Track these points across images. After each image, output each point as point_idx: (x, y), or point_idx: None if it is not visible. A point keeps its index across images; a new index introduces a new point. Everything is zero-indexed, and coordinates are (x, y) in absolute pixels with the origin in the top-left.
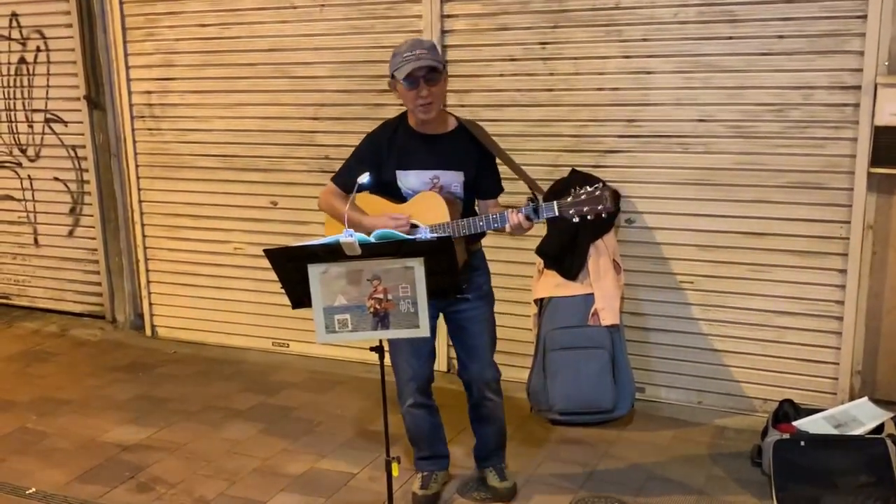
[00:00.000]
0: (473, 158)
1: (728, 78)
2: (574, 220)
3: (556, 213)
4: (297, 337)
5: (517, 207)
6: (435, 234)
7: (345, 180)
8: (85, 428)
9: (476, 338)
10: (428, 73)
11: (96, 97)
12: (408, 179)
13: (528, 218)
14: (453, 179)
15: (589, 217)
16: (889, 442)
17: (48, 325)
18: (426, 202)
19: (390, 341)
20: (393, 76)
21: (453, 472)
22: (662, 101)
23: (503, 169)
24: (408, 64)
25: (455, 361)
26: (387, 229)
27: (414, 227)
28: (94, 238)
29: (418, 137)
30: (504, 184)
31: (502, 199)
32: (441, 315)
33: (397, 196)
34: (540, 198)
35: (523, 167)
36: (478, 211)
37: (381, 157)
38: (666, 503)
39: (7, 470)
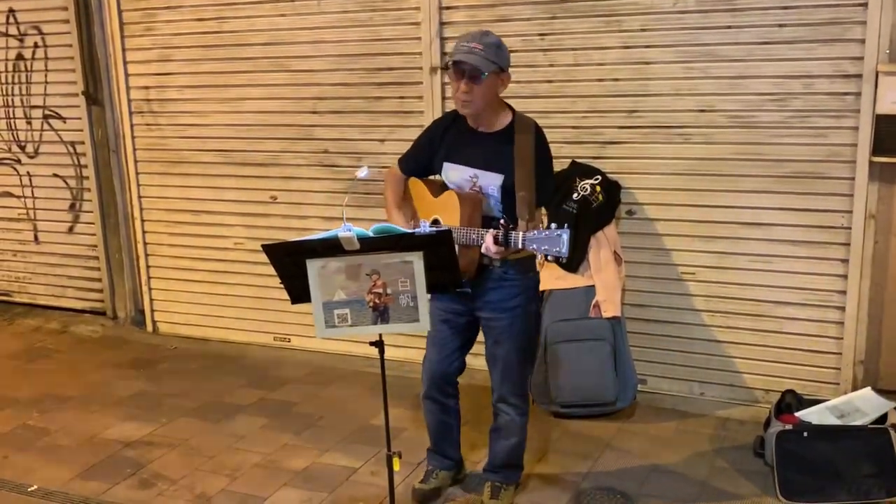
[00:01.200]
0: (512, 162)
1: (728, 67)
2: (536, 257)
3: (520, 245)
4: (298, 332)
5: (497, 231)
6: (434, 228)
7: (403, 164)
8: (86, 424)
9: (495, 347)
10: (472, 68)
11: (94, 93)
12: (450, 174)
13: (496, 242)
14: (491, 182)
15: (548, 257)
16: (892, 432)
17: (49, 321)
18: (447, 200)
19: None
20: None
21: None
22: (662, 91)
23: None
24: (457, 53)
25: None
26: (385, 224)
27: (435, 223)
28: (94, 234)
29: (468, 133)
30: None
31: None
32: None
33: (445, 187)
34: (519, 227)
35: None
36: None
37: (435, 147)
38: (668, 495)
39: (9, 467)
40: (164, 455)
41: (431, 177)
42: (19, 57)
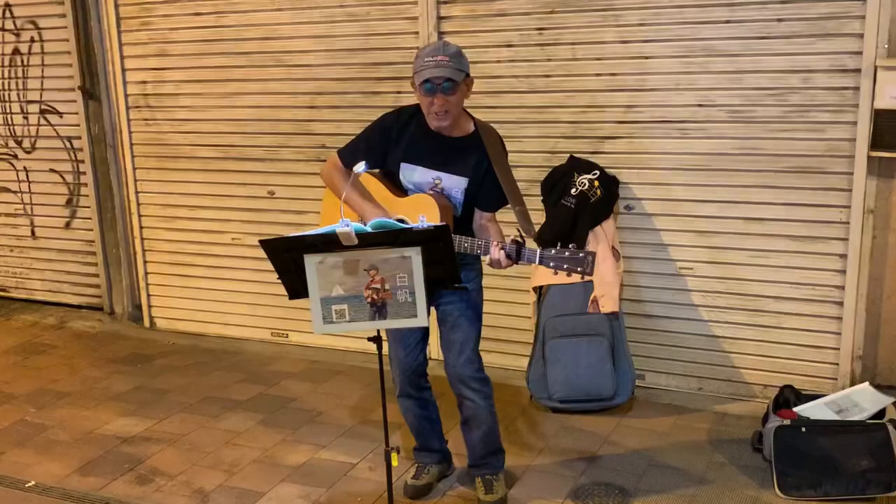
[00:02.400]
0: (480, 167)
1: (727, 62)
2: (553, 272)
3: (536, 263)
4: (296, 327)
5: (503, 242)
6: (432, 224)
7: (348, 158)
8: (84, 420)
9: (453, 332)
10: (445, 81)
11: (91, 88)
12: (411, 174)
13: (508, 256)
14: (455, 184)
15: (567, 275)
16: (890, 427)
17: (46, 317)
18: (421, 203)
19: (386, 331)
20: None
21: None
22: (661, 86)
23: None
24: (426, 70)
25: None
26: (384, 219)
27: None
28: (91, 229)
29: (430, 135)
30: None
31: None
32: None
33: (398, 185)
34: (528, 240)
35: (523, 154)
36: (474, 220)
37: (389, 144)
38: (666, 490)
39: (6, 463)
40: (161, 450)
41: (376, 170)
42: (15, 51)
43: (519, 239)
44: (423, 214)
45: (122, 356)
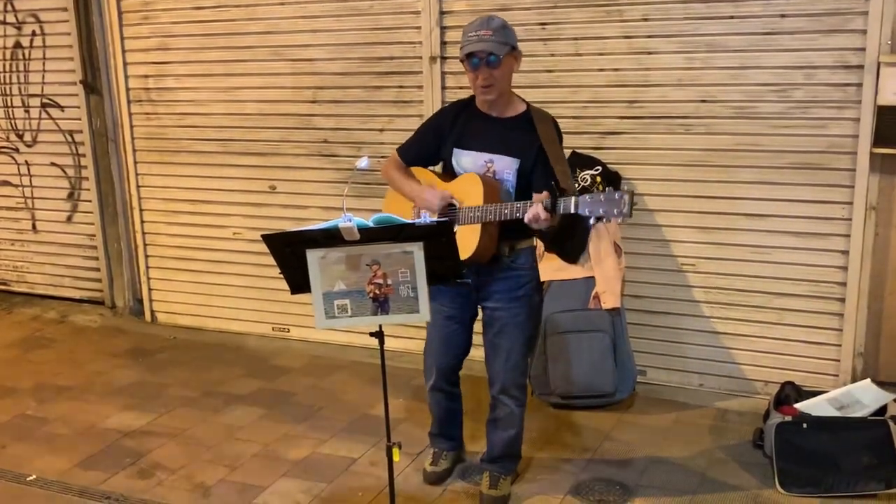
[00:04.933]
0: (533, 148)
1: (730, 58)
2: (590, 220)
3: (572, 210)
4: (298, 322)
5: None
6: (434, 220)
7: (403, 152)
8: (85, 414)
9: (498, 338)
10: (489, 55)
11: (93, 81)
12: (463, 159)
13: (545, 209)
14: (507, 166)
15: (604, 220)
16: (892, 423)
17: (47, 311)
18: (466, 183)
19: (431, 326)
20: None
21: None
22: (664, 81)
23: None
24: (470, 44)
25: None
26: (386, 214)
27: (451, 206)
28: (92, 224)
29: (481, 118)
30: None
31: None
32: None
33: (452, 175)
34: (567, 194)
35: None
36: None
37: (443, 134)
38: (667, 486)
39: (7, 457)
40: (162, 445)
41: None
42: (17, 45)
43: (555, 190)
44: (458, 199)
45: (124, 350)
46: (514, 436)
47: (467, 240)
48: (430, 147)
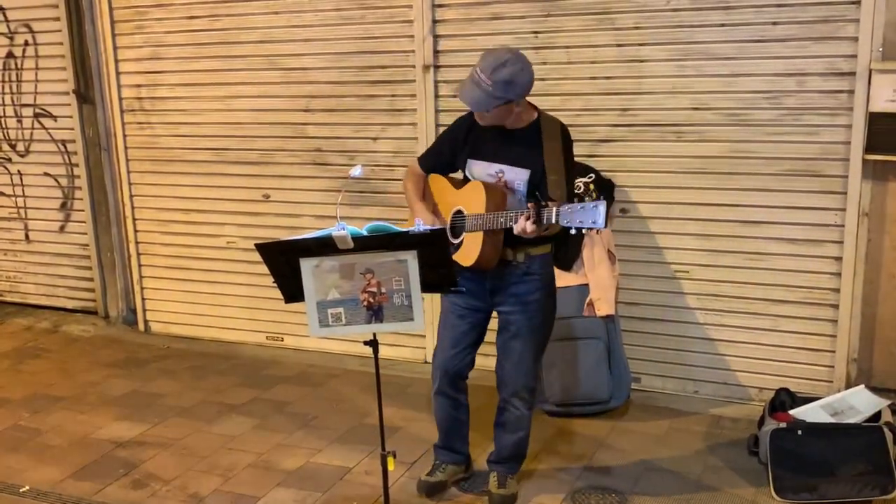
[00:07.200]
0: (540, 158)
1: (722, 65)
2: (570, 231)
3: (553, 220)
4: (291, 331)
5: (528, 210)
6: (428, 228)
7: (422, 161)
8: (78, 424)
9: (512, 341)
10: (475, 106)
11: (85, 91)
12: (475, 169)
13: (532, 221)
14: (517, 176)
15: (583, 230)
16: (886, 430)
17: (40, 321)
18: (471, 190)
19: (439, 326)
20: None
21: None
22: (656, 89)
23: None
24: (467, 82)
25: None
26: (381, 223)
27: (460, 212)
28: (85, 233)
29: (493, 129)
30: None
31: None
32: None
33: (466, 182)
34: (551, 204)
35: None
36: None
37: (458, 145)
38: (662, 493)
39: (0, 468)
40: (156, 455)
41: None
42: (9, 55)
43: (540, 202)
44: (464, 205)
45: (117, 360)
46: (524, 437)
47: (472, 247)
48: (445, 157)
